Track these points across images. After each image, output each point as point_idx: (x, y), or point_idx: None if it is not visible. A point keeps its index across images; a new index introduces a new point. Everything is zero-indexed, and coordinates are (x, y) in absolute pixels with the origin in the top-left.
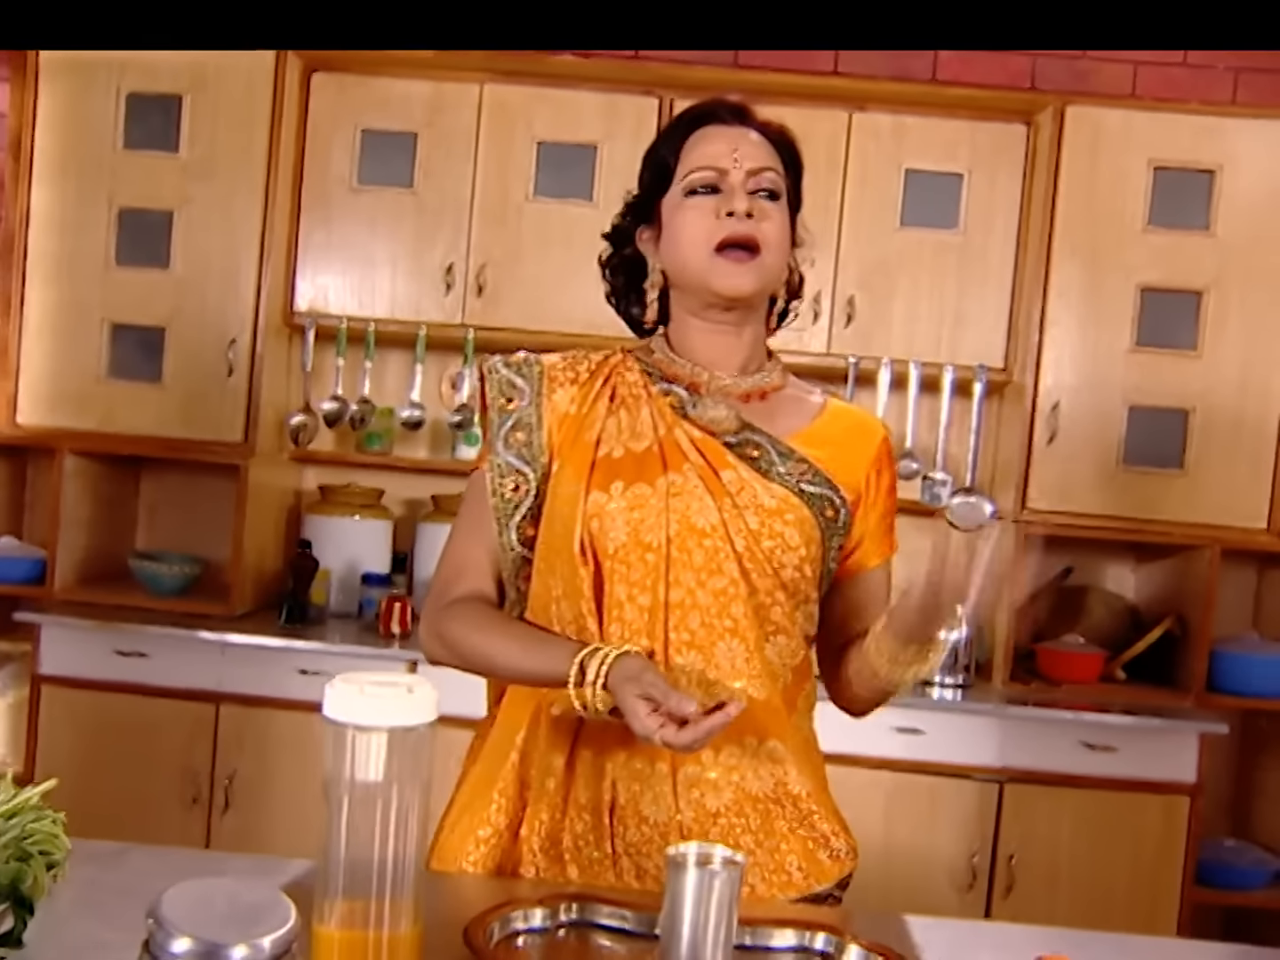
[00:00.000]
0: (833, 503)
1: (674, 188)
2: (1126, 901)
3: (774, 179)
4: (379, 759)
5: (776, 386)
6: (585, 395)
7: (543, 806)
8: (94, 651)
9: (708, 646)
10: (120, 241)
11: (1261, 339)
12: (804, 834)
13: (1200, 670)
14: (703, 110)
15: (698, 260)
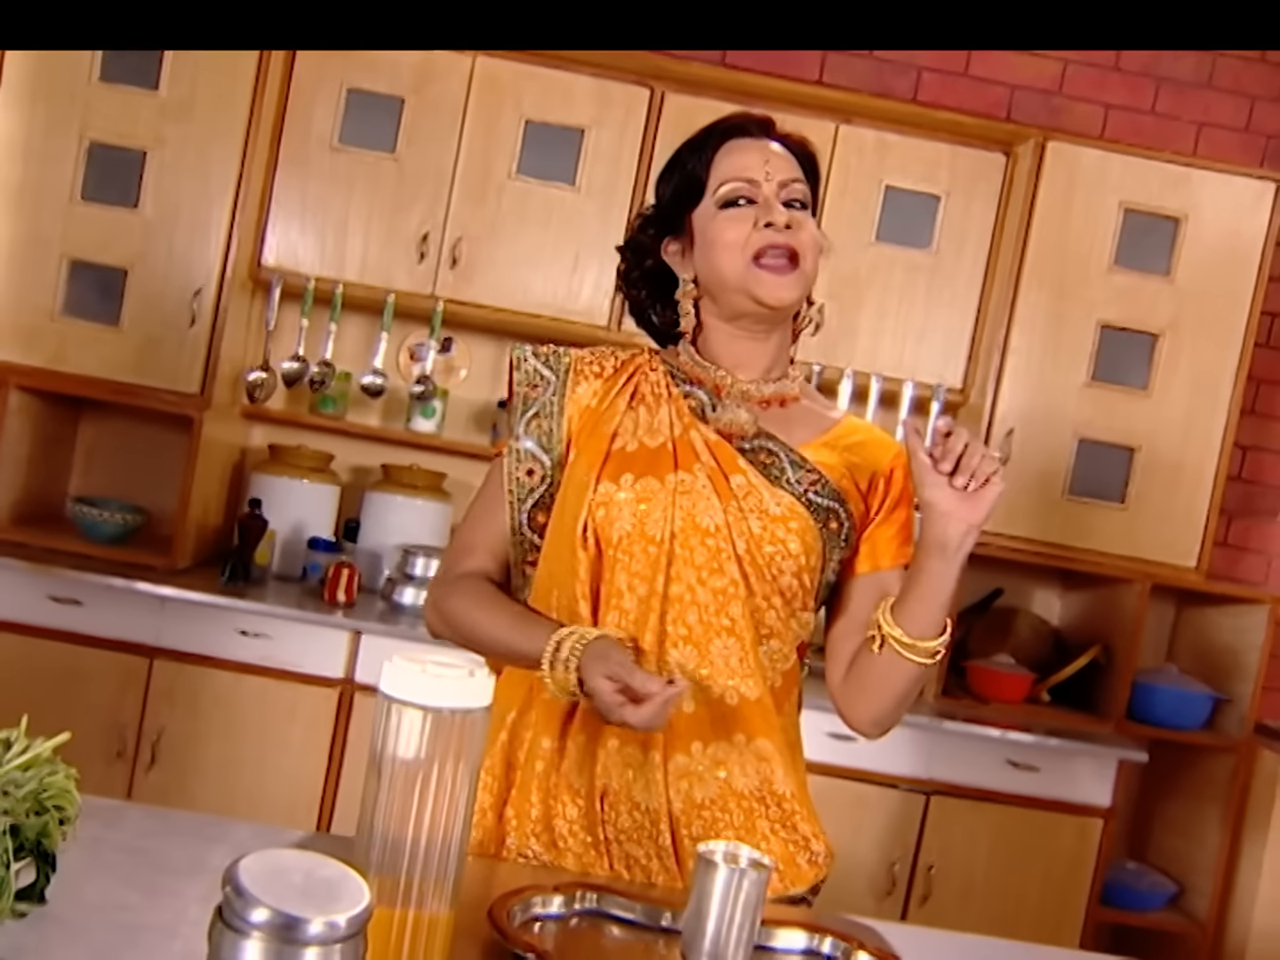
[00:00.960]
0: (838, 515)
1: (706, 200)
2: (1035, 916)
3: (802, 190)
4: (427, 737)
5: (795, 396)
6: (608, 390)
7: (533, 789)
8: (27, 595)
9: (704, 643)
10: (88, 176)
11: (1208, 385)
12: (785, 836)
13: (1122, 698)
14: (731, 124)
15: (736, 271)
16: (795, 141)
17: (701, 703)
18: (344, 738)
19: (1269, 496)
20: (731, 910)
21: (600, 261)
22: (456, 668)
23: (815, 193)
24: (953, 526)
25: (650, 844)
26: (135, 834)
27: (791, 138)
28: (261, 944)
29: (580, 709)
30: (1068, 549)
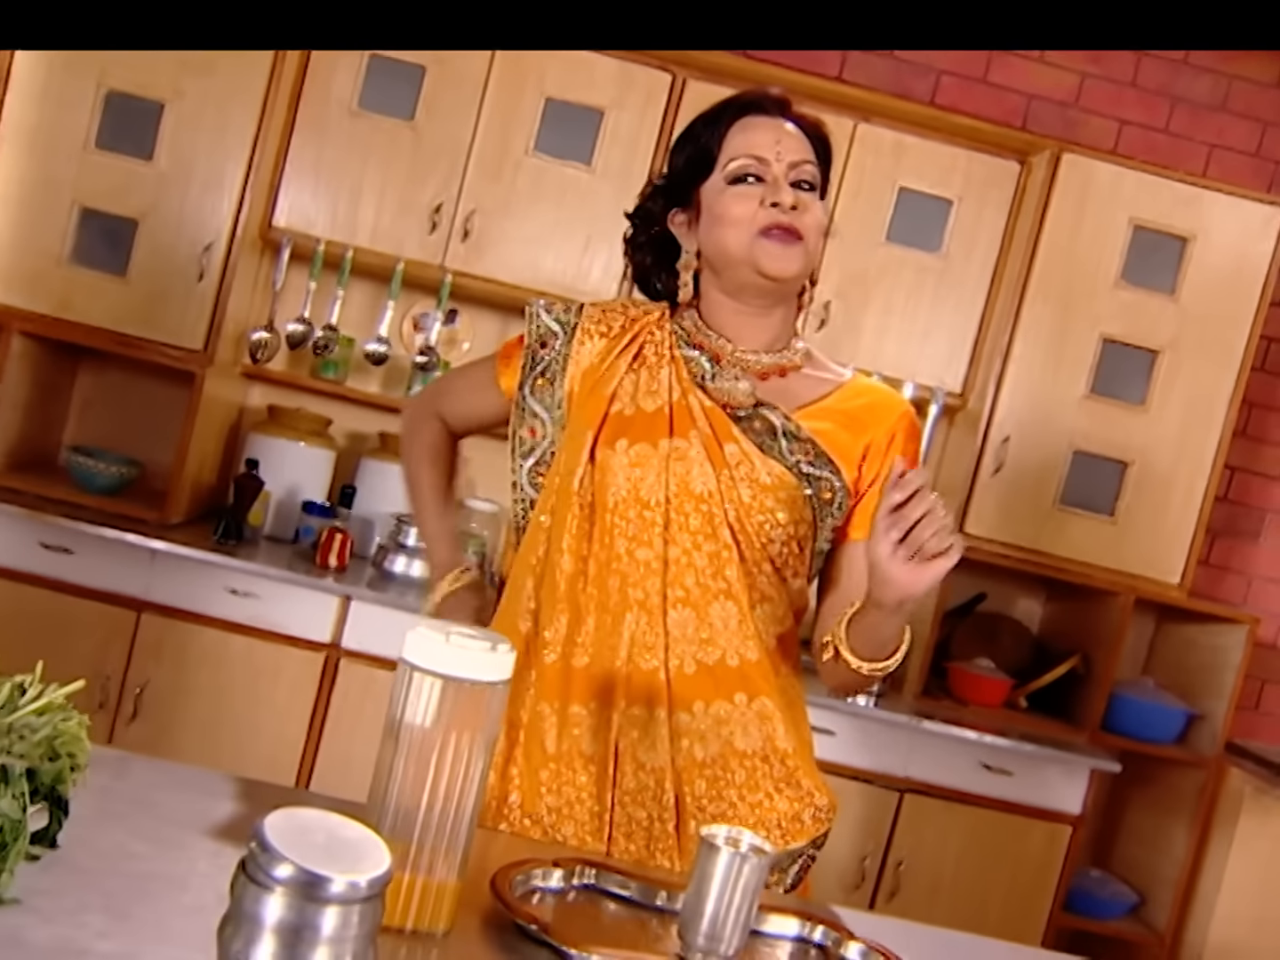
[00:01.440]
0: (831, 485)
1: (715, 175)
2: (999, 917)
3: (812, 171)
4: (444, 707)
5: (796, 366)
6: (610, 350)
7: (540, 753)
8: (17, 540)
9: (702, 605)
10: (104, 125)
11: (1203, 404)
12: (790, 794)
13: (1098, 709)
14: (746, 100)
15: (741, 244)
16: (810, 122)
17: (702, 664)
18: (327, 701)
19: (1253, 518)
20: (730, 894)
21: (611, 243)
22: (479, 640)
23: (826, 175)
24: (889, 593)
25: (654, 804)
26: (141, 785)
27: (806, 118)
28: (284, 899)
29: (582, 675)
30: (1055, 558)
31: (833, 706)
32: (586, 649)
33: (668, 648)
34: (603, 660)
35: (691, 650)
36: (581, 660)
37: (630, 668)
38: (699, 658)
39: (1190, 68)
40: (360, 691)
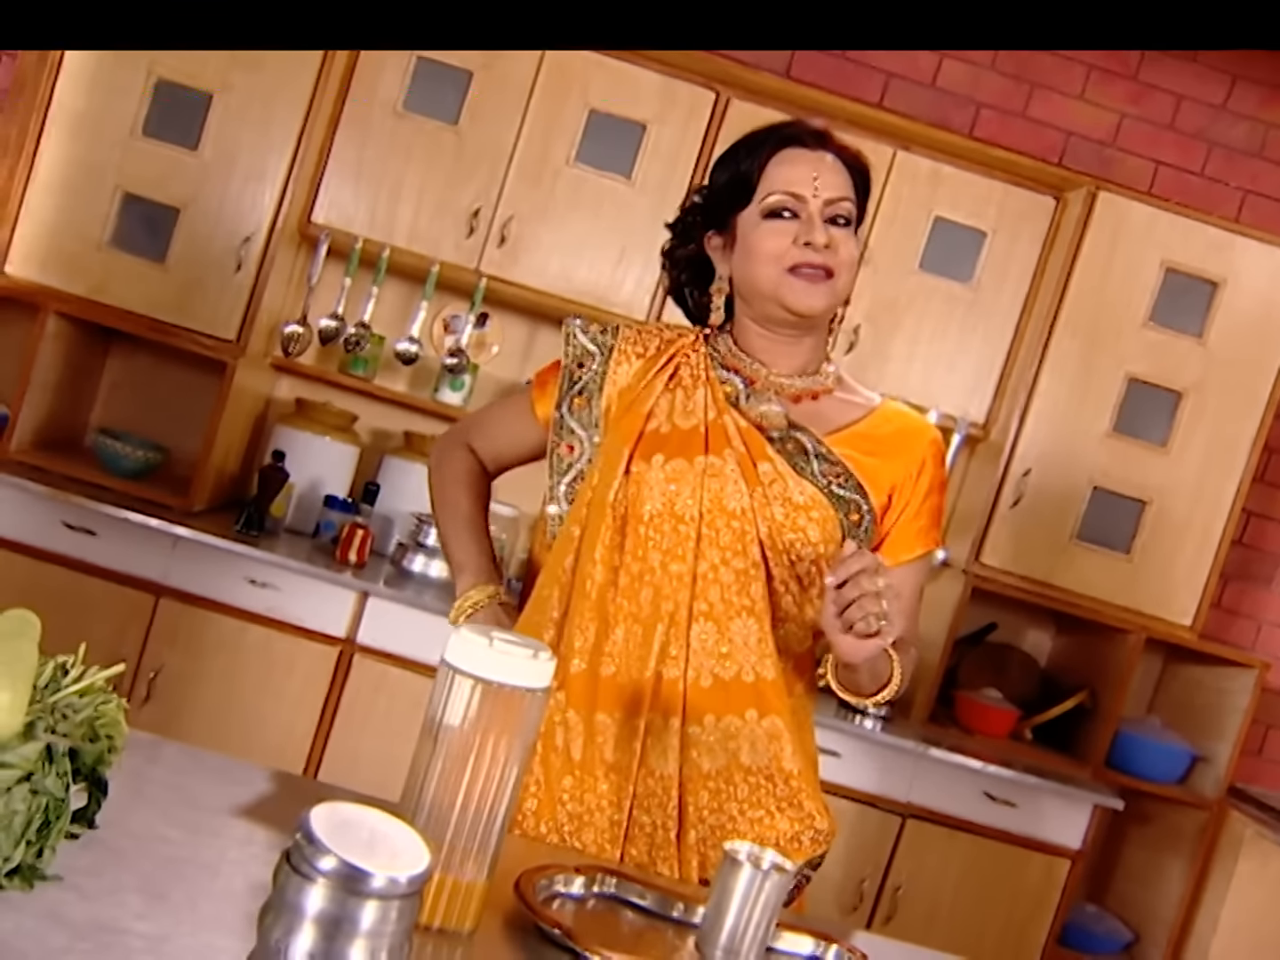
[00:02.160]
0: (859, 508)
1: (752, 206)
2: (995, 947)
3: (848, 208)
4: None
5: (828, 390)
6: (647, 370)
7: (562, 763)
8: (41, 519)
9: (724, 620)
10: (152, 113)
11: (1225, 447)
12: (791, 814)
13: (1103, 745)
14: (788, 132)
15: (770, 279)
16: (850, 154)
17: (718, 678)
18: (339, 695)
19: (1267, 563)
20: (750, 910)
21: (646, 256)
22: (522, 646)
23: (863, 206)
24: (837, 654)
25: (659, 811)
26: (172, 770)
27: (847, 150)
28: (326, 890)
29: (609, 684)
30: (1068, 593)
31: (839, 728)
32: (614, 658)
33: (688, 660)
34: (630, 670)
35: (710, 664)
36: (609, 669)
37: (656, 678)
38: (716, 672)
39: (1228, 113)
40: (372, 688)
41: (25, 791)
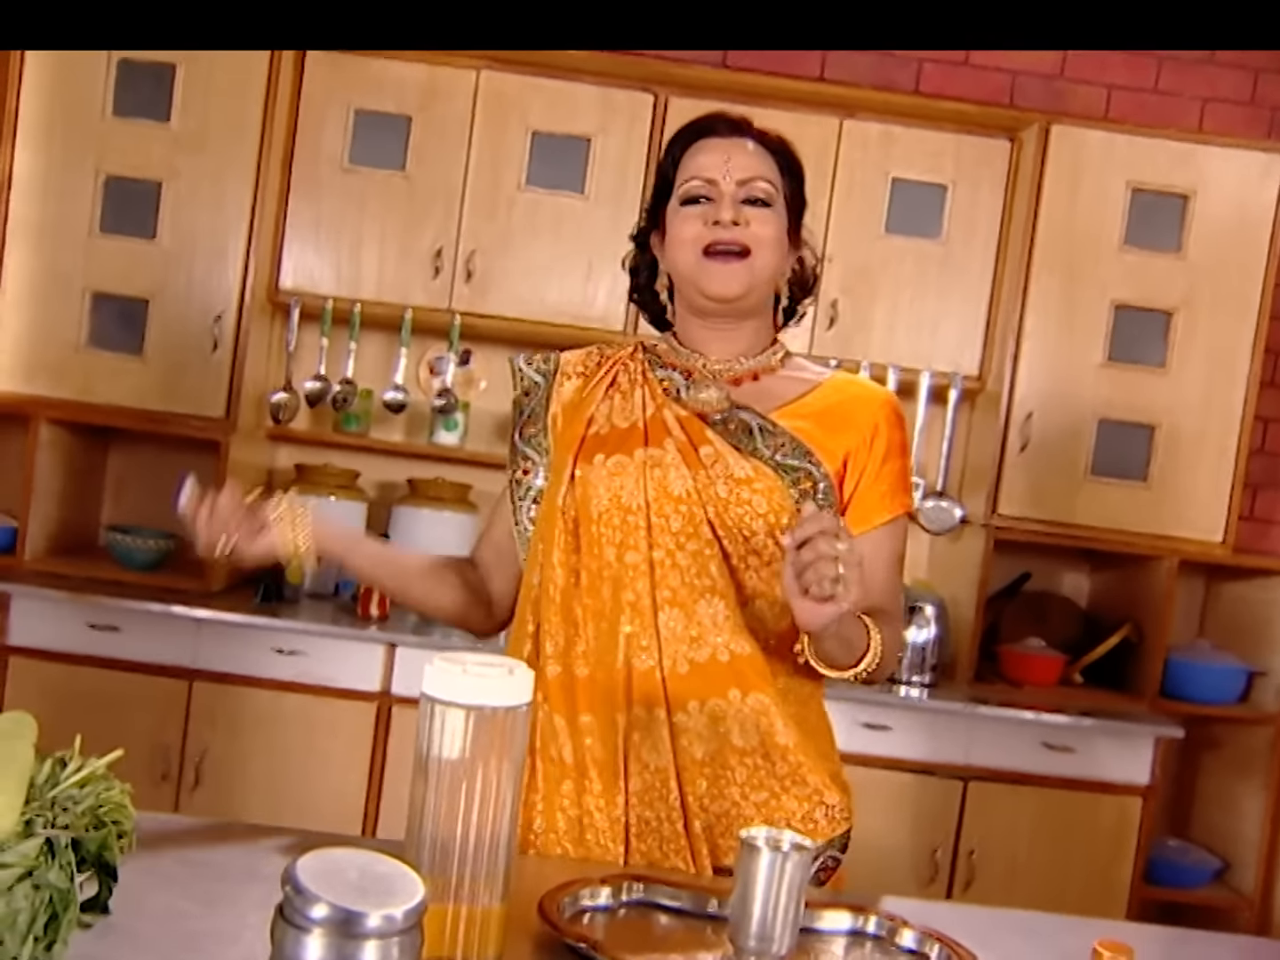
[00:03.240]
0: (810, 475)
1: (673, 198)
2: (1079, 897)
3: (765, 187)
4: (470, 736)
5: (771, 369)
6: (587, 384)
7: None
8: (65, 624)
9: (689, 604)
10: (105, 210)
11: (1225, 359)
12: (796, 792)
13: (1155, 676)
14: (701, 124)
15: (688, 263)
16: (771, 139)
17: (694, 662)
18: (384, 749)
19: None
20: (776, 894)
21: (613, 267)
22: (497, 666)
23: (798, 187)
24: (798, 621)
25: (661, 804)
26: (190, 845)
27: (768, 135)
28: (323, 939)
29: (585, 683)
30: (1093, 529)
31: (885, 702)
32: (587, 658)
33: (661, 648)
34: (604, 666)
35: (683, 650)
36: (583, 670)
37: (629, 670)
38: (690, 657)
39: None
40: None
41: (27, 888)
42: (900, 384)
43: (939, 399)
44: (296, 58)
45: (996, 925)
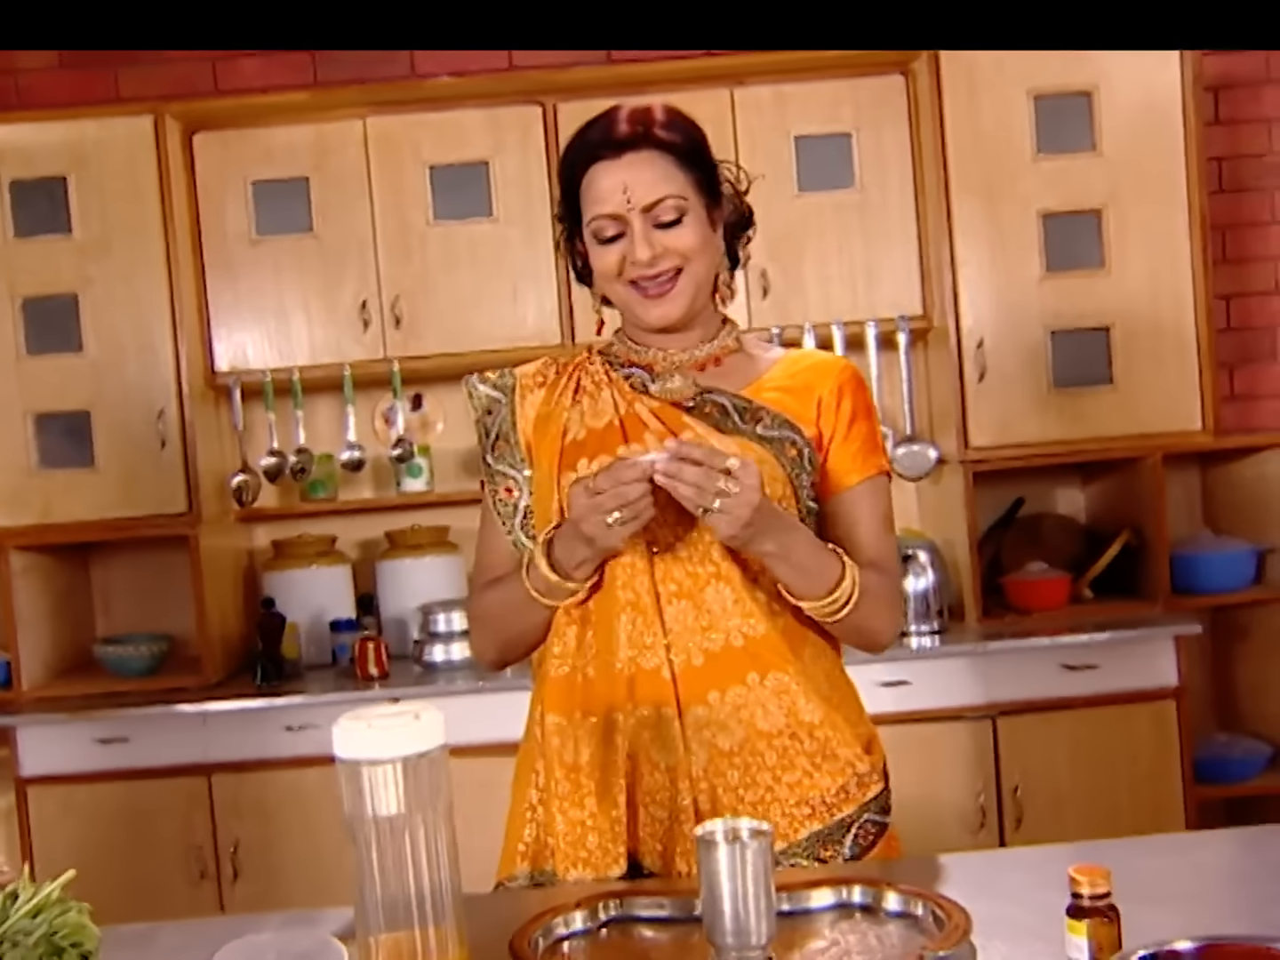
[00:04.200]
0: (794, 443)
1: (585, 230)
2: (1132, 810)
3: (673, 204)
4: (398, 790)
5: (731, 350)
6: (552, 394)
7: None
8: (74, 744)
9: (696, 593)
10: (28, 332)
11: (1164, 247)
12: (829, 768)
13: (1163, 576)
14: (590, 145)
15: (619, 296)
16: (664, 138)
17: (708, 652)
18: None
19: (1265, 339)
20: (742, 885)
21: (537, 283)
22: (402, 714)
23: (705, 170)
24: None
25: (671, 805)
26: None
27: (663, 136)
28: None
29: (591, 684)
30: (1068, 443)
31: (898, 657)
32: (591, 659)
33: (669, 645)
34: (606, 666)
35: (696, 641)
36: (589, 670)
37: (633, 669)
38: (705, 647)
39: None
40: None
41: None
42: (847, 338)
43: (889, 345)
44: (183, 142)
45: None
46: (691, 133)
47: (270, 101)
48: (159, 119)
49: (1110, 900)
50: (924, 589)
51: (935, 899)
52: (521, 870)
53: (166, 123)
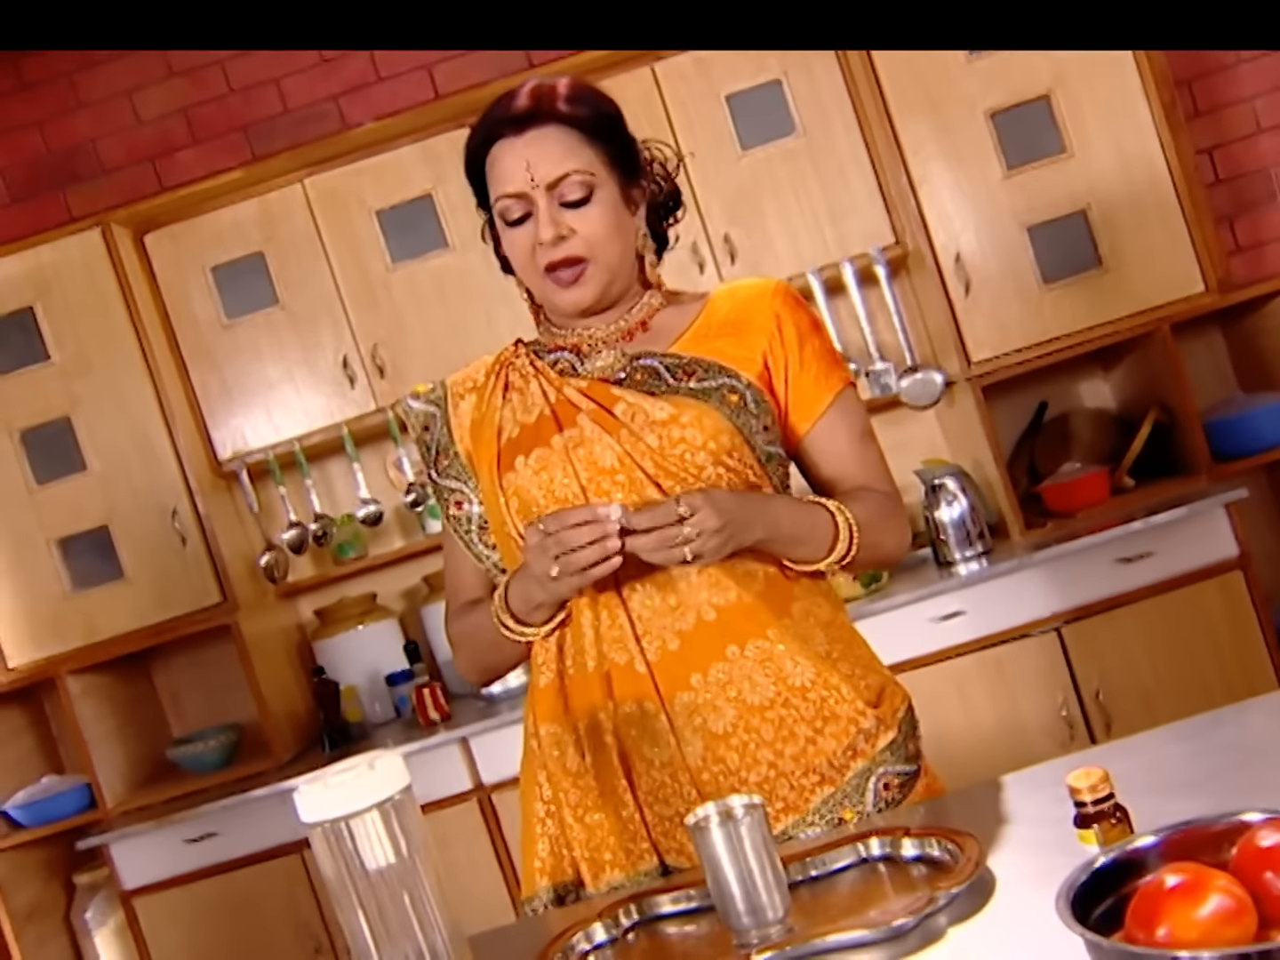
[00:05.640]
0: (734, 389)
1: (494, 213)
2: (1223, 689)
3: (578, 180)
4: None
5: (655, 309)
6: (482, 397)
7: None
8: (166, 850)
9: (660, 575)
10: (31, 461)
11: (1123, 115)
12: (833, 729)
13: (1200, 447)
14: (490, 124)
15: (532, 282)
16: (567, 113)
17: (682, 634)
18: (504, 838)
19: (1260, 183)
20: (744, 862)
21: (508, 303)
22: (354, 768)
23: (616, 144)
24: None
25: (678, 800)
26: None
27: (567, 111)
28: None
29: (570, 687)
30: (1072, 336)
31: (946, 589)
32: (570, 662)
33: (638, 637)
34: (581, 667)
35: (669, 623)
36: (570, 674)
37: (608, 665)
38: (679, 629)
39: None
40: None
41: None
42: (827, 283)
43: (870, 281)
44: (136, 246)
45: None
46: (600, 106)
47: (210, 186)
48: (105, 229)
49: (1114, 801)
50: (959, 516)
51: (949, 835)
52: (542, 886)
53: (115, 231)
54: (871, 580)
